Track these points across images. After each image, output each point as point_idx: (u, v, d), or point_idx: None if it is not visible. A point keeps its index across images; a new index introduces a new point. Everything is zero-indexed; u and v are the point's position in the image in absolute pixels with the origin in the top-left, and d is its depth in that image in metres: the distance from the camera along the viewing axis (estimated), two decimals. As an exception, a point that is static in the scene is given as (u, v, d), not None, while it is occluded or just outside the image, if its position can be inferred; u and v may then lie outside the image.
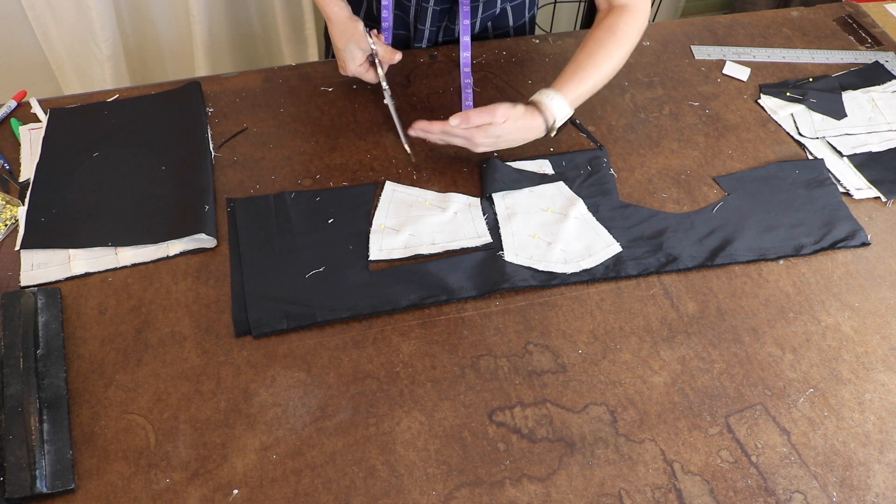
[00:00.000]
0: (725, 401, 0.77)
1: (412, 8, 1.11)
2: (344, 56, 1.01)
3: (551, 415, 0.75)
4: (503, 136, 0.91)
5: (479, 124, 0.89)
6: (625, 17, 0.95)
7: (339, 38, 1.00)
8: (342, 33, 1.00)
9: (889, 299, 0.87)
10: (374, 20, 1.13)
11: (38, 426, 0.69)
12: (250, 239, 0.87)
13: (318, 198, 0.92)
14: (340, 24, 1.00)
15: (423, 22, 1.12)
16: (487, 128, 0.90)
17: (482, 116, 0.89)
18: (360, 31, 1.00)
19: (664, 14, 2.30)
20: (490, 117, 0.89)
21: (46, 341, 0.77)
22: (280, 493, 0.69)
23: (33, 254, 0.85)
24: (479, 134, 0.90)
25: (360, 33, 1.00)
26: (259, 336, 0.79)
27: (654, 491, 0.70)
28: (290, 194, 0.92)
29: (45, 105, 1.02)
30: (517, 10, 1.19)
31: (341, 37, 1.00)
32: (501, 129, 0.90)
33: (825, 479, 0.72)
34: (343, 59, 1.01)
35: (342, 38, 1.00)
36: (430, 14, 1.11)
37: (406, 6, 1.11)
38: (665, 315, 0.84)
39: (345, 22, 1.00)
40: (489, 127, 0.89)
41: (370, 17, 1.15)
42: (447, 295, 0.83)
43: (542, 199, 0.94)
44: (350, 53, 1.00)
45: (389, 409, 0.75)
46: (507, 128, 0.90)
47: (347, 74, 1.03)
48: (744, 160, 1.02)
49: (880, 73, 1.16)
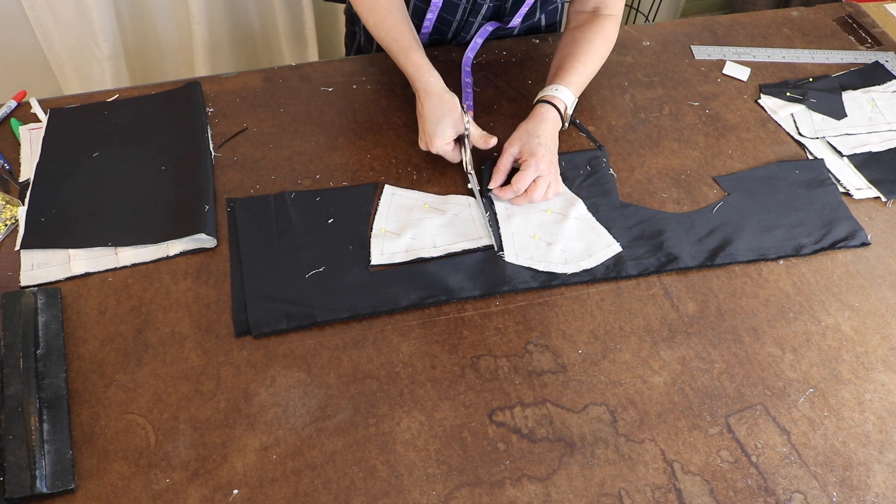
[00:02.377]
0: (725, 401, 0.77)
1: (455, 22, 1.10)
2: (434, 131, 0.92)
3: (551, 415, 0.75)
4: (546, 158, 0.92)
5: (528, 183, 0.91)
6: (611, 23, 1.05)
7: (432, 112, 0.93)
8: (437, 107, 0.93)
9: (889, 299, 0.87)
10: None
11: (38, 426, 0.69)
12: (250, 239, 0.87)
13: (318, 198, 0.92)
14: (437, 96, 0.93)
15: (468, 31, 1.12)
16: (538, 180, 0.92)
17: (527, 176, 0.91)
18: (458, 108, 0.93)
19: (664, 14, 2.30)
20: (534, 172, 0.91)
21: (46, 341, 0.77)
22: (280, 493, 0.69)
23: (33, 254, 0.85)
24: (538, 189, 0.92)
25: (459, 111, 0.93)
26: (259, 336, 0.79)
27: (654, 491, 0.70)
28: (290, 194, 0.92)
29: (45, 105, 1.02)
30: (550, 15, 1.21)
31: (435, 110, 0.92)
32: (542, 162, 0.91)
33: (825, 479, 0.72)
34: (432, 133, 0.93)
35: (436, 112, 0.92)
36: (476, 27, 1.10)
37: (449, 20, 1.10)
38: (665, 315, 0.84)
39: (441, 95, 0.93)
40: (537, 177, 0.92)
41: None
42: (447, 295, 0.83)
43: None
44: (442, 130, 0.92)
45: (389, 409, 0.75)
46: (542, 151, 0.92)
47: (430, 150, 0.95)
48: (744, 160, 1.02)
49: (880, 73, 1.16)
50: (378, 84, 1.09)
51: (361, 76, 1.10)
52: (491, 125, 1.04)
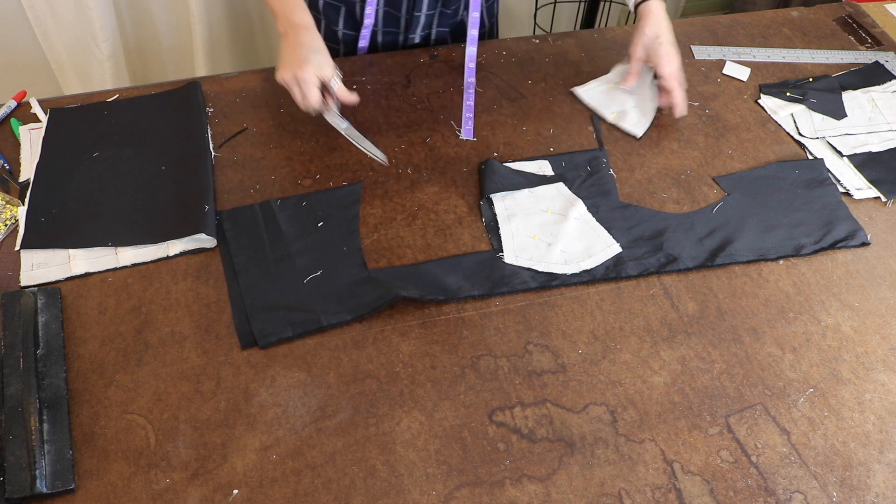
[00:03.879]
0: (725, 401, 0.77)
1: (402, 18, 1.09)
2: (307, 57, 0.91)
3: (551, 415, 0.75)
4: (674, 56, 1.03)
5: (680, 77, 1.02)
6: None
7: (309, 41, 0.92)
8: (314, 40, 0.93)
9: (889, 299, 0.87)
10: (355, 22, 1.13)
11: (38, 426, 0.69)
12: (242, 250, 0.86)
13: (305, 202, 0.92)
14: (315, 32, 0.94)
15: (419, 8, 1.11)
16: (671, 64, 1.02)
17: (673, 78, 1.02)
18: (327, 51, 0.94)
19: (664, 14, 2.30)
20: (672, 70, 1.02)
21: (46, 341, 0.77)
22: (280, 493, 0.69)
23: (33, 254, 0.85)
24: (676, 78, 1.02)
25: (328, 53, 0.94)
26: (266, 346, 0.79)
27: (654, 491, 0.70)
28: (275, 201, 0.92)
29: (45, 105, 1.02)
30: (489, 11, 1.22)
31: (312, 42, 0.93)
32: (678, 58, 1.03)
33: (825, 479, 0.72)
34: (304, 59, 0.91)
35: (313, 44, 0.93)
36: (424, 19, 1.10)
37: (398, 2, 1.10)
38: (665, 315, 0.84)
39: (317, 34, 0.94)
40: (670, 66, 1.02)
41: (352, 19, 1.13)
42: (445, 295, 0.83)
43: (542, 200, 0.94)
44: (317, 59, 0.92)
45: (389, 409, 0.75)
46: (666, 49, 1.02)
47: (295, 76, 0.91)
48: (744, 160, 1.02)
49: (880, 73, 1.16)
50: (378, 84, 1.09)
51: (361, 76, 1.10)
52: (491, 125, 1.04)
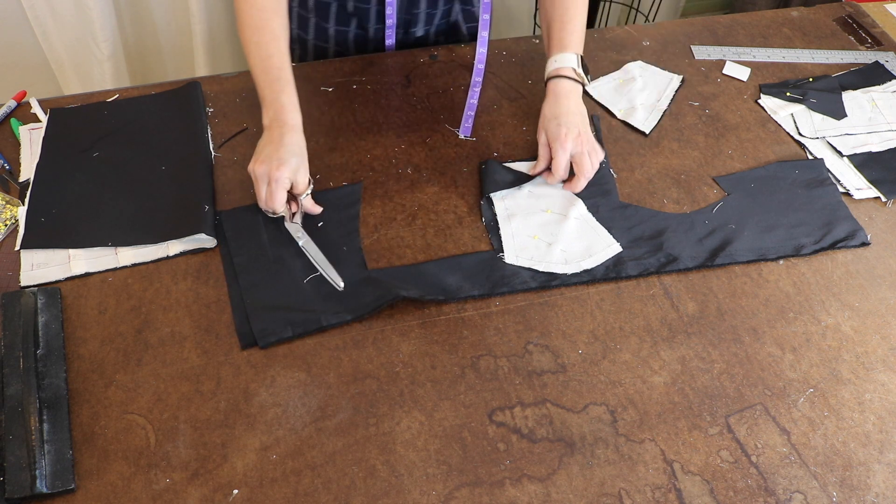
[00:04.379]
0: (725, 401, 0.77)
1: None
2: (286, 160, 0.85)
3: (551, 415, 0.75)
4: (570, 136, 0.92)
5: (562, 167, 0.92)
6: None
7: (293, 144, 0.87)
8: (298, 144, 0.87)
9: (889, 299, 0.87)
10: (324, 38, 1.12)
11: (38, 426, 0.69)
12: (242, 250, 0.86)
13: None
14: (301, 136, 0.89)
15: (416, 6, 1.11)
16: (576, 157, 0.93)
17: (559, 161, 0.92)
18: (306, 159, 0.89)
19: (664, 14, 2.30)
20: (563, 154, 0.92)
21: (46, 341, 0.77)
22: (280, 493, 0.69)
23: (33, 254, 0.85)
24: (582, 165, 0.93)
25: (307, 162, 0.88)
26: (266, 346, 0.79)
27: (654, 491, 0.70)
28: None
29: (45, 105, 1.02)
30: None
31: (296, 145, 0.87)
32: (567, 142, 0.92)
33: (825, 479, 0.72)
34: (282, 160, 0.85)
35: (296, 147, 0.87)
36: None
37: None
38: (665, 315, 0.84)
39: (302, 134, 0.89)
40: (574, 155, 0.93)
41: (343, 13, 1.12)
42: (445, 295, 0.83)
43: (542, 200, 0.94)
44: (295, 163, 0.86)
45: (389, 409, 0.75)
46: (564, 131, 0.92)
47: (267, 175, 0.85)
48: (744, 160, 1.02)
49: (880, 73, 1.16)
50: (378, 84, 1.09)
51: (361, 76, 1.10)
52: (491, 125, 1.04)
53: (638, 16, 2.21)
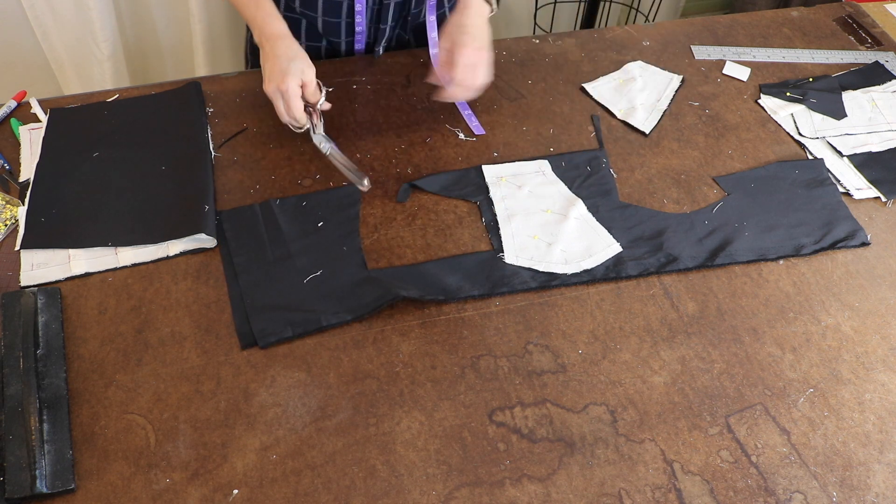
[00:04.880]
0: (725, 401, 0.77)
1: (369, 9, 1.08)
2: (287, 68, 0.90)
3: (551, 415, 0.75)
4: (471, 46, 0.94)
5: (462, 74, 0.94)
6: None
7: (286, 51, 0.91)
8: (290, 47, 0.92)
9: (889, 299, 0.87)
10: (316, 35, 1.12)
11: (38, 426, 0.69)
12: (242, 250, 0.86)
13: (305, 202, 0.92)
14: (289, 39, 0.94)
15: (384, 21, 1.10)
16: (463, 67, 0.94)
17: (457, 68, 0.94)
18: (307, 57, 0.93)
19: (664, 14, 2.30)
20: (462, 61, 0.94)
21: (46, 341, 0.77)
22: (280, 493, 0.69)
23: (33, 254, 0.85)
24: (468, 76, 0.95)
25: (309, 60, 0.93)
26: (266, 346, 0.79)
27: (654, 491, 0.70)
28: (275, 201, 0.91)
29: (45, 105, 1.02)
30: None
31: (288, 50, 0.92)
32: (466, 51, 0.94)
33: (825, 479, 0.72)
34: (284, 70, 0.90)
35: (290, 52, 0.92)
36: (392, 9, 1.09)
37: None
38: (665, 315, 0.84)
39: (293, 39, 0.94)
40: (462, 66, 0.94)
41: (313, 30, 1.12)
42: (445, 295, 0.83)
43: (542, 200, 0.94)
44: (296, 68, 0.90)
45: (389, 409, 0.75)
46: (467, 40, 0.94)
47: (279, 90, 0.90)
48: (744, 160, 1.02)
49: (880, 73, 1.16)
50: (378, 84, 1.09)
51: (361, 76, 1.10)
52: (491, 125, 1.04)
53: (638, 16, 2.21)
